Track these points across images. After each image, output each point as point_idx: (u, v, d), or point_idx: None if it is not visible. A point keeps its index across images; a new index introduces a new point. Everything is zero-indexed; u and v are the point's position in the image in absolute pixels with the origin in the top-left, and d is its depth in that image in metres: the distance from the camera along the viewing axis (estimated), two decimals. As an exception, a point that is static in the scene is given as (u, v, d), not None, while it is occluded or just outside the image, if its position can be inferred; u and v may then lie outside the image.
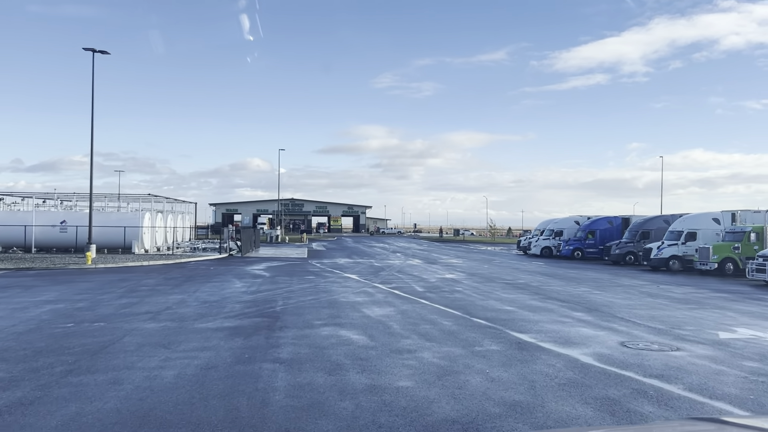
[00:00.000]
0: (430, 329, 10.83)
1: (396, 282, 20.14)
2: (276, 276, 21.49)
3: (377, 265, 28.61)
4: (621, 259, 36.05)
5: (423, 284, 19.54)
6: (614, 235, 41.20)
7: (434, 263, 31.75)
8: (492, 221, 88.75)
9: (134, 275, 21.59)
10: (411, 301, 15.04)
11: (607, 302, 15.56)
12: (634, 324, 11.97)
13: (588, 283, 21.17)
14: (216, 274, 21.99)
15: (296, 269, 24.91)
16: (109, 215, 35.10)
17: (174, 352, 8.74)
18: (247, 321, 11.48)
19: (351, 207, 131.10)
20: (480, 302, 15.01)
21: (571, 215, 47.70)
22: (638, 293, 18.11)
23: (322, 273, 23.25)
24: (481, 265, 30.55)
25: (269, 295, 15.55)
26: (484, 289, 18.22)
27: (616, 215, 43.31)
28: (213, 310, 12.96)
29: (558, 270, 28.22)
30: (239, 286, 17.97)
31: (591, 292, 18.26)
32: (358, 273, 23.55)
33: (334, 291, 16.82)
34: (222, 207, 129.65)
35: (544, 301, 15.59)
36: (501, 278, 22.68)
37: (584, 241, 41.62)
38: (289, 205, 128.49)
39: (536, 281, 21.63)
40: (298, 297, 15.27)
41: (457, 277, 22.94)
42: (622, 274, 27.05)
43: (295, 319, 11.72)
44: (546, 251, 44.18)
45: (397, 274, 23.71)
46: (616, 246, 36.59)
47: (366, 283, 19.35)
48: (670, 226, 32.67)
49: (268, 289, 17.17)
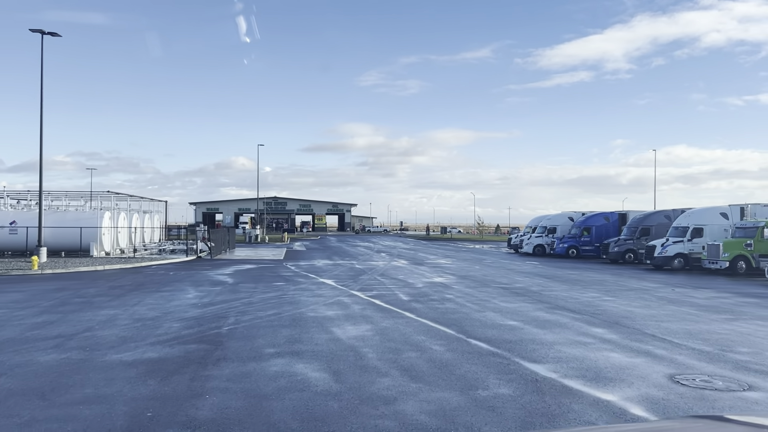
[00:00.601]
0: (416, 359, 8.24)
1: (378, 288, 17.54)
2: (240, 283, 18.78)
3: (359, 268, 25.98)
4: (620, 257, 33.81)
5: (408, 291, 16.97)
6: (611, 232, 39.01)
7: (421, 264, 29.21)
8: (480, 218, 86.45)
9: (77, 283, 18.76)
10: (393, 314, 12.44)
11: (626, 312, 13.10)
12: (673, 345, 9.49)
13: (594, 287, 18.75)
14: (171, 281, 19.22)
15: (266, 274, 22.19)
16: (65, 215, 32.05)
17: (50, 407, 6.07)
18: (178, 349, 8.80)
19: (335, 205, 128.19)
20: (476, 315, 12.46)
21: (564, 211, 45.48)
22: (655, 299, 15.71)
23: (294, 278, 20.56)
24: (471, 266, 28.07)
25: (222, 309, 12.85)
26: (479, 297, 15.69)
27: (612, 211, 41.13)
28: (143, 331, 10.26)
29: (556, 270, 25.82)
30: (191, 296, 15.25)
31: (601, 298, 15.83)
32: (336, 277, 20.90)
33: (303, 302, 14.16)
34: (203, 206, 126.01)
35: (551, 311, 13.08)
36: (496, 281, 20.19)
37: (579, 238, 39.36)
38: (272, 203, 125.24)
39: (536, 285, 19.17)
40: (257, 311, 12.59)
41: (446, 280, 20.40)
42: (626, 274, 24.70)
43: (241, 345, 9.06)
44: (539, 249, 41.86)
45: (379, 278, 21.11)
46: (615, 243, 34.33)
47: (342, 291, 16.72)
48: (674, 221, 30.43)
49: (224, 300, 14.46)
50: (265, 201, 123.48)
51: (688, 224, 28.83)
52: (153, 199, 41.18)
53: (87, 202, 34.45)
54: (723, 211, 28.99)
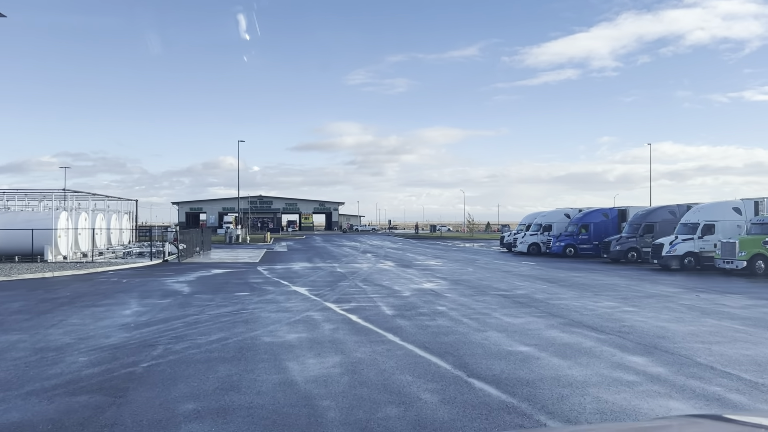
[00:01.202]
0: (397, 421, 5.67)
1: (357, 299, 14.96)
2: (196, 293, 16.09)
3: (340, 272, 23.37)
4: (622, 256, 31.51)
5: (393, 301, 14.40)
6: (609, 229, 36.75)
7: (409, 266, 26.67)
8: (470, 216, 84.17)
9: (7, 295, 15.99)
10: (372, 337, 9.87)
11: (659, 330, 10.63)
12: (746, 384, 7.00)
13: (607, 293, 16.32)
14: (117, 292, 16.48)
15: (232, 281, 19.50)
16: (16, 215, 29.11)
17: None
18: (57, 405, 6.15)
19: (323, 204, 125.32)
20: (476, 336, 9.93)
21: (560, 208, 43.19)
22: (685, 309, 13.28)
23: (262, 286, 17.90)
24: (464, 268, 25.58)
25: (154, 333, 10.18)
26: (477, 308, 13.16)
27: (611, 207, 38.89)
28: (31, 370, 7.60)
29: (557, 272, 23.39)
30: (129, 313, 12.55)
31: (620, 308, 13.37)
32: (311, 285, 18.27)
33: (261, 320, 11.52)
34: (186, 206, 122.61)
35: (568, 330, 10.58)
36: (493, 287, 17.70)
37: (577, 236, 37.06)
38: (257, 202, 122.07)
39: (539, 291, 16.70)
40: (198, 335, 9.94)
41: (438, 287, 17.87)
42: (635, 276, 22.33)
43: (150, 397, 6.42)
44: (534, 248, 39.49)
45: (361, 284, 18.53)
46: (617, 242, 32.01)
47: (315, 303, 14.10)
48: (683, 217, 28.15)
49: (165, 318, 11.79)
50: (250, 200, 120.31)
51: (698, 220, 26.55)
52: (121, 198, 38.21)
53: (45, 201, 31.43)
54: (735, 205, 26.72)
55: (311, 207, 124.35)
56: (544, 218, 40.81)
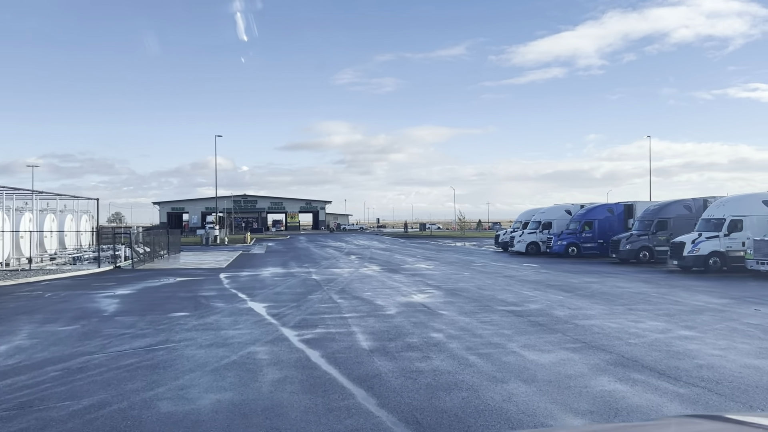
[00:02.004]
0: None
1: (327, 321, 11.50)
2: (119, 315, 12.48)
3: (315, 280, 19.90)
4: (633, 256, 28.34)
5: (374, 325, 10.96)
6: (615, 227, 33.62)
7: (397, 271, 23.26)
8: (461, 214, 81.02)
9: None
10: (334, 400, 6.42)
11: (753, 373, 7.30)
12: None
13: (642, 306, 13.01)
14: (18, 314, 12.80)
15: (177, 295, 15.93)
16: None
17: None
18: None
19: (309, 202, 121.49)
20: (494, 394, 6.52)
21: (560, 203, 39.99)
22: (760, 332, 9.99)
23: (211, 302, 14.35)
24: (460, 272, 22.21)
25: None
26: (486, 336, 9.77)
27: (616, 202, 35.74)
28: None
29: (567, 277, 20.07)
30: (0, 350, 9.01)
31: (674, 332, 10.04)
32: (274, 300, 14.74)
33: (178, 364, 7.98)
34: (167, 206, 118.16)
35: (626, 377, 7.17)
36: (499, 299, 14.33)
37: (580, 234, 33.87)
38: (241, 201, 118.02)
39: (558, 305, 13.36)
40: (59, 400, 6.37)
41: (431, 300, 14.46)
42: (661, 281, 19.06)
43: None
44: (532, 248, 36.28)
45: (336, 297, 15.07)
46: (627, 240, 28.80)
47: (268, 330, 10.60)
48: (705, 212, 24.98)
49: (41, 361, 8.20)
50: (234, 199, 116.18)
51: (724, 215, 23.37)
52: (77, 197, 34.34)
53: None
54: (766, 198, 23.59)
55: (297, 206, 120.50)
56: (543, 215, 37.59)
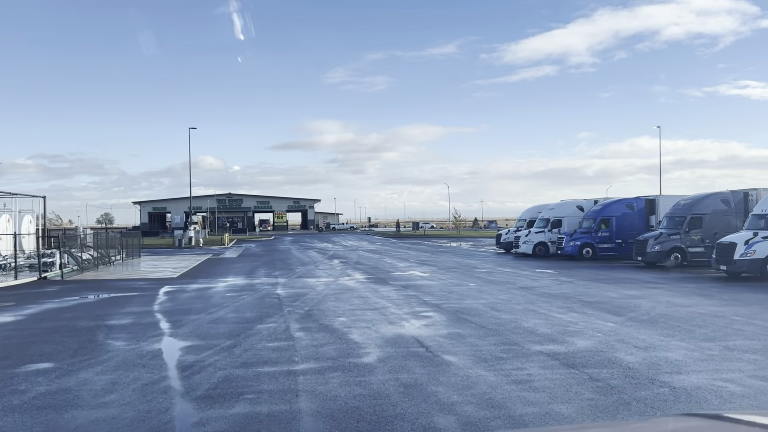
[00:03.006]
0: None
1: (263, 381, 7.10)
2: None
3: (277, 296, 15.49)
4: (662, 259, 24.13)
5: (337, 394, 6.58)
6: (635, 224, 29.47)
7: (385, 281, 18.91)
8: (457, 212, 76.77)
9: None
10: None
11: None
12: None
13: (739, 341, 8.72)
14: None
15: (75, 324, 11.39)
16: None
17: None
18: None
19: (297, 201, 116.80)
20: None
21: (570, 199, 35.81)
22: None
23: (111, 337, 9.85)
24: (463, 283, 17.90)
25: None
26: (528, 417, 5.45)
27: (636, 196, 31.54)
28: None
29: (600, 288, 15.75)
30: None
31: None
32: (205, 332, 10.29)
33: None
34: (148, 205, 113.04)
35: None
36: (527, 330, 9.99)
37: (596, 233, 29.62)
38: (226, 200, 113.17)
39: (615, 340, 9.02)
40: None
41: (430, 333, 10.08)
42: (721, 294, 14.77)
43: None
44: (541, 249, 32.06)
45: (295, 329, 10.65)
46: (655, 240, 24.57)
47: (154, 404, 6.16)
48: (755, 207, 20.78)
49: None
50: (218, 198, 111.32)
51: (782, 210, 19.21)
52: (16, 195, 29.68)
53: None
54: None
55: (285, 205, 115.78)
56: (552, 212, 33.30)
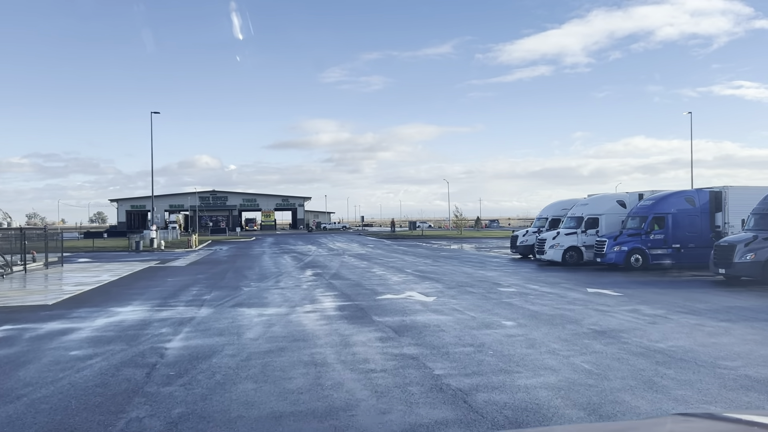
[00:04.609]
0: None
1: None
2: None
3: (153, 365, 8.60)
4: (752, 272, 17.38)
5: None
6: (698, 224, 22.73)
7: (367, 317, 11.98)
8: (458, 210, 69.88)
9: None
10: None
11: None
12: None
13: None
14: None
15: None
16: None
17: None
18: None
19: (286, 199, 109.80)
20: None
21: (604, 193, 28.97)
22: None
23: None
24: (493, 318, 11.01)
25: None
26: None
27: (698, 188, 24.76)
28: None
29: (724, 332, 8.91)
30: None
31: None
32: None
33: None
34: (126, 203, 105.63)
35: None
36: None
37: (647, 235, 22.74)
38: (209, 198, 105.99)
39: None
40: None
41: None
42: None
43: None
44: (572, 255, 25.19)
45: None
46: (746, 247, 17.76)
47: None
48: None
49: None
50: (200, 195, 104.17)
51: None
52: None
53: None
54: None
55: (273, 203, 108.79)
56: (586, 208, 26.34)
